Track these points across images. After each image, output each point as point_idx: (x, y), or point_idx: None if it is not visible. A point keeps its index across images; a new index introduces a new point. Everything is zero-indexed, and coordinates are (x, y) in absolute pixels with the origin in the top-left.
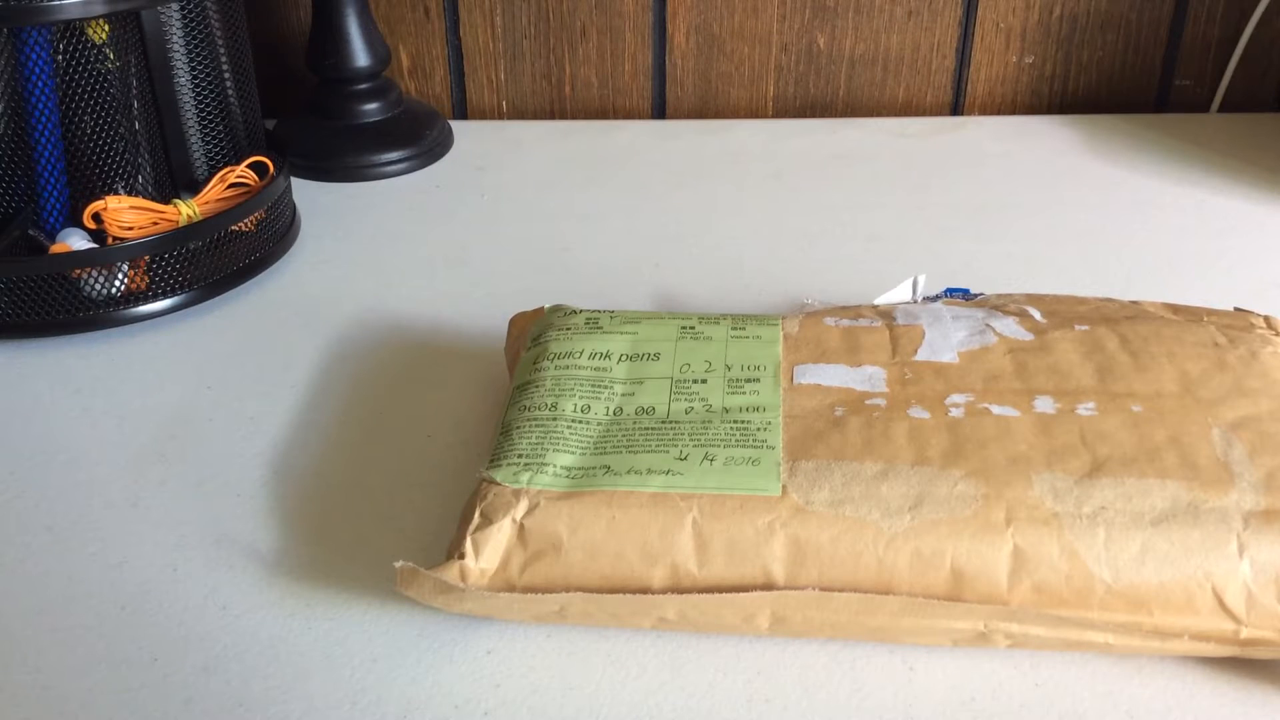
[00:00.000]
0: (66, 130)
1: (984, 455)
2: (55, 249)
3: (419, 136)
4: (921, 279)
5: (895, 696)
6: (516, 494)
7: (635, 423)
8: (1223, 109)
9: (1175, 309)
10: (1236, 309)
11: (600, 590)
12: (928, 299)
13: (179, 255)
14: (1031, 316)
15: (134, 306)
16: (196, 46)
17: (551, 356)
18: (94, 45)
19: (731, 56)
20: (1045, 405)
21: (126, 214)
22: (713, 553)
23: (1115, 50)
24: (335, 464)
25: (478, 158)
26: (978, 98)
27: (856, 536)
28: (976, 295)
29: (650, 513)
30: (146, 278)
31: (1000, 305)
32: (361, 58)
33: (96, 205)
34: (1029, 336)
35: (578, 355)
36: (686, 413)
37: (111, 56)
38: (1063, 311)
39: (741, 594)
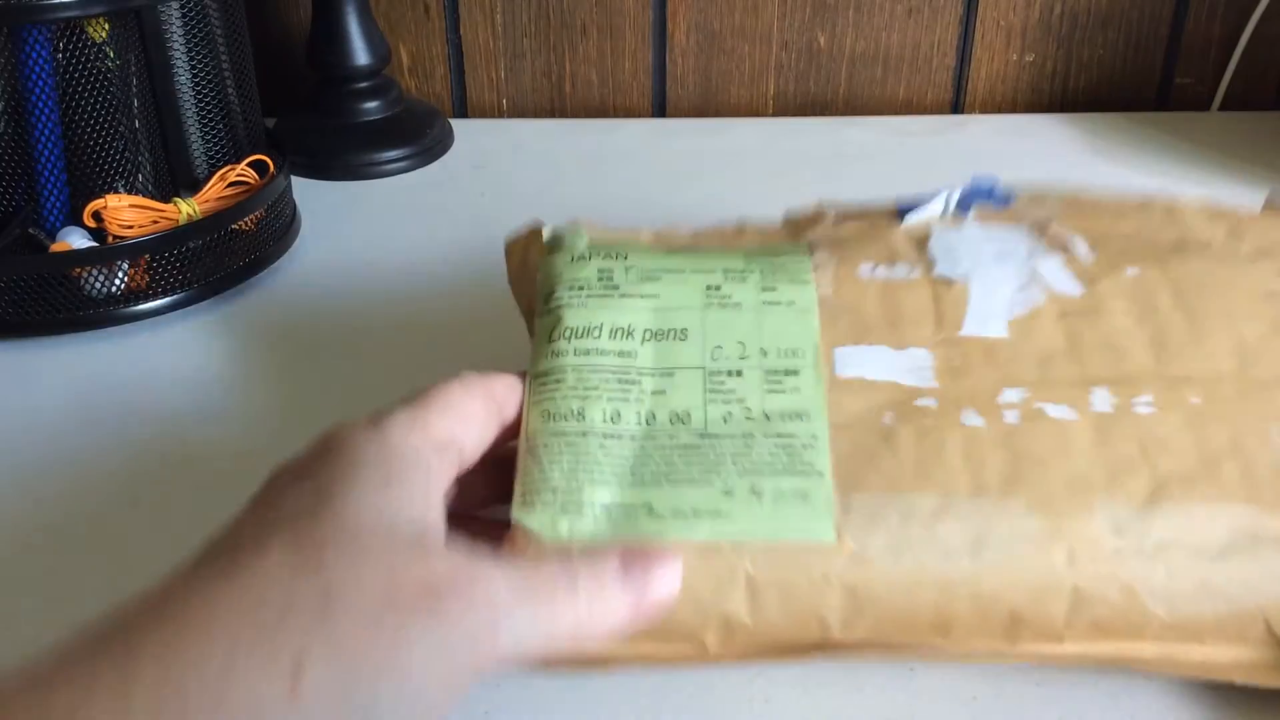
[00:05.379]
0: (66, 129)
1: (1043, 479)
2: (55, 248)
3: (419, 135)
4: (955, 195)
5: (895, 696)
6: (557, 549)
7: (671, 436)
8: (1224, 107)
9: (1214, 215)
10: (1272, 202)
11: (651, 656)
12: (959, 206)
13: (179, 254)
14: (1076, 253)
15: (134, 305)
16: (196, 44)
17: (569, 334)
18: (94, 44)
19: (732, 54)
20: (1102, 401)
21: (126, 212)
22: (765, 602)
23: (1116, 48)
24: None
25: (478, 156)
26: (978, 96)
27: (914, 584)
28: (1008, 197)
29: (701, 565)
30: (147, 276)
31: (1040, 226)
32: (361, 56)
33: (96, 204)
34: (1078, 290)
35: (597, 333)
36: (725, 420)
37: (111, 55)
38: (1106, 236)
39: (796, 654)
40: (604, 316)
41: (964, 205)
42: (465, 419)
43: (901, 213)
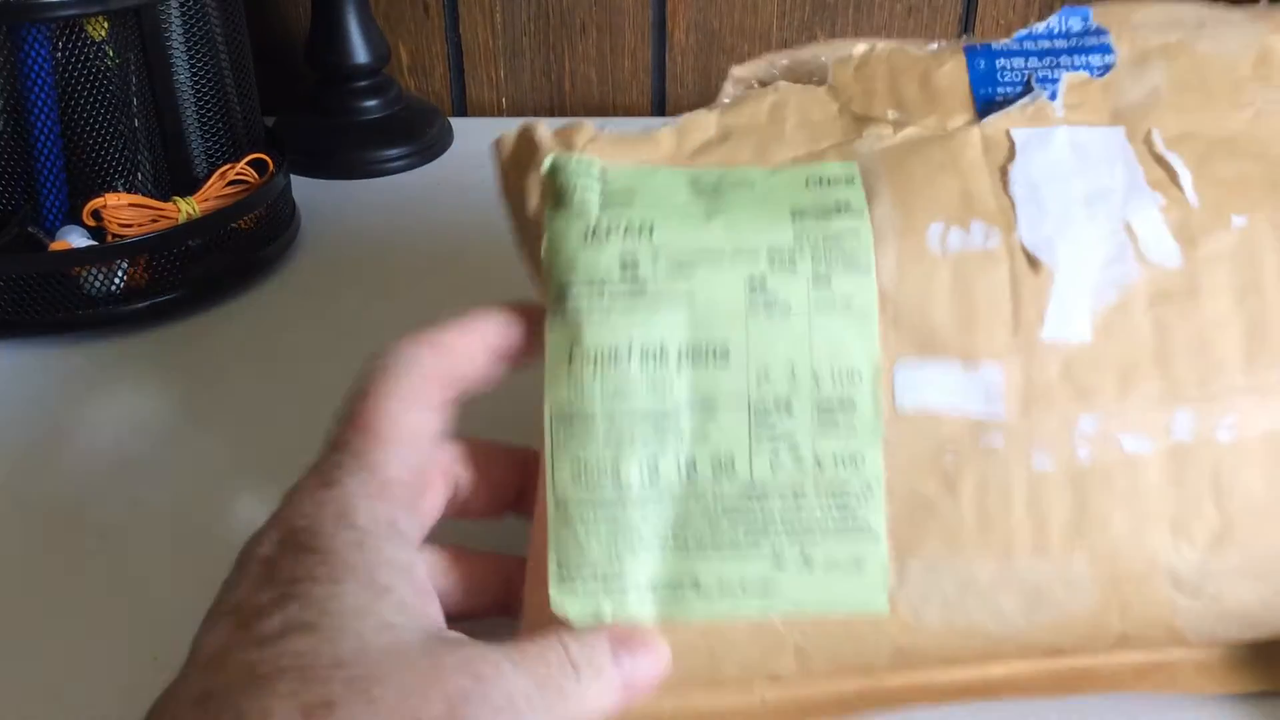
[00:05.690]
0: (66, 128)
1: (1107, 533)
2: (54, 246)
3: (419, 134)
4: (1045, 93)
5: None
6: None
7: (715, 492)
8: None
9: None
10: None
11: (699, 707)
12: (1049, 91)
13: (178, 252)
14: (1181, 185)
15: (134, 304)
16: (196, 43)
17: (593, 360)
18: (93, 42)
19: (731, 53)
20: (1183, 428)
21: (126, 211)
22: (814, 665)
23: None
24: None
25: (478, 155)
26: None
27: (964, 642)
28: (1104, 47)
29: (750, 640)
30: (146, 275)
31: (1140, 128)
32: (361, 54)
33: (96, 202)
34: (1175, 260)
35: (626, 357)
36: (772, 469)
37: (111, 54)
38: (1212, 148)
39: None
40: (632, 331)
41: (1052, 63)
42: (418, 440)
43: (976, 92)
